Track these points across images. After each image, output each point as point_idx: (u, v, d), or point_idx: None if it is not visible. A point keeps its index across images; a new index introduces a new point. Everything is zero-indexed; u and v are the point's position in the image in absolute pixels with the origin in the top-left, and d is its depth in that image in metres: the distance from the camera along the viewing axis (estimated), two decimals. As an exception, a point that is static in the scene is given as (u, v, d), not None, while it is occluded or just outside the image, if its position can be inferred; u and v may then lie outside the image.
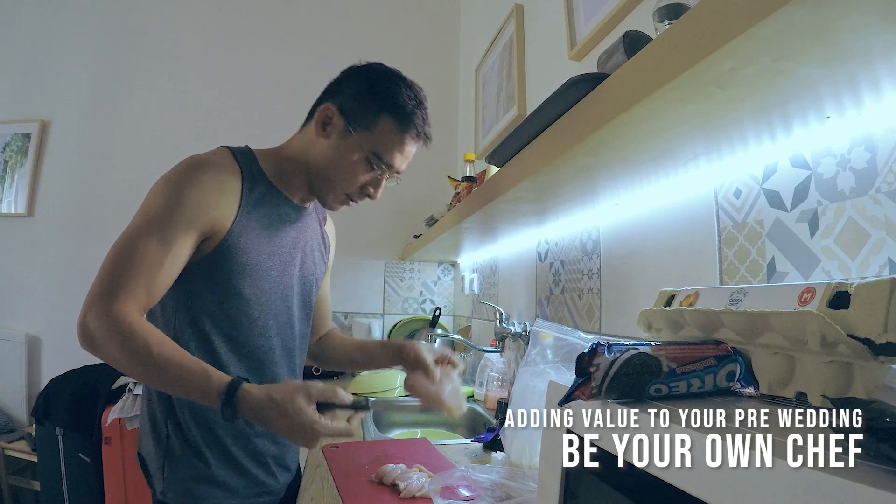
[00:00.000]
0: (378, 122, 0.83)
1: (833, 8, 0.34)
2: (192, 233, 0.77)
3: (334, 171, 0.86)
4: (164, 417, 0.83)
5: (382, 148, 0.84)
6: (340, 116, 0.84)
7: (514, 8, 1.74)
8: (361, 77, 0.86)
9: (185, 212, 0.76)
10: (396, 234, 2.51)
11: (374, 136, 0.84)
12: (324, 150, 0.86)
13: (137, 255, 0.73)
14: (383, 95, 0.83)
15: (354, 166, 0.85)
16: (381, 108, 0.83)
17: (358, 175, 0.86)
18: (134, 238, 0.74)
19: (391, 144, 0.85)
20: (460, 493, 0.80)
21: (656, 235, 0.93)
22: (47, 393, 2.00)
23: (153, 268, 0.73)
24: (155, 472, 0.84)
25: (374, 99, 0.83)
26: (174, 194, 0.77)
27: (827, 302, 0.40)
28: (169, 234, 0.74)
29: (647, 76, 0.48)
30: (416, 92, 0.86)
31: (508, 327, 1.49)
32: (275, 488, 0.90)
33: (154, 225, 0.74)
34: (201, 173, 0.79)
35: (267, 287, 0.86)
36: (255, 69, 2.56)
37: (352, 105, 0.84)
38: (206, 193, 0.78)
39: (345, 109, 0.84)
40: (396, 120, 0.83)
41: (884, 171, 0.54)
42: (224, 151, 0.87)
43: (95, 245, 2.38)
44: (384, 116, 0.83)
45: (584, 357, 0.44)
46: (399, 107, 0.83)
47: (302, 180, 0.90)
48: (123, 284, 0.71)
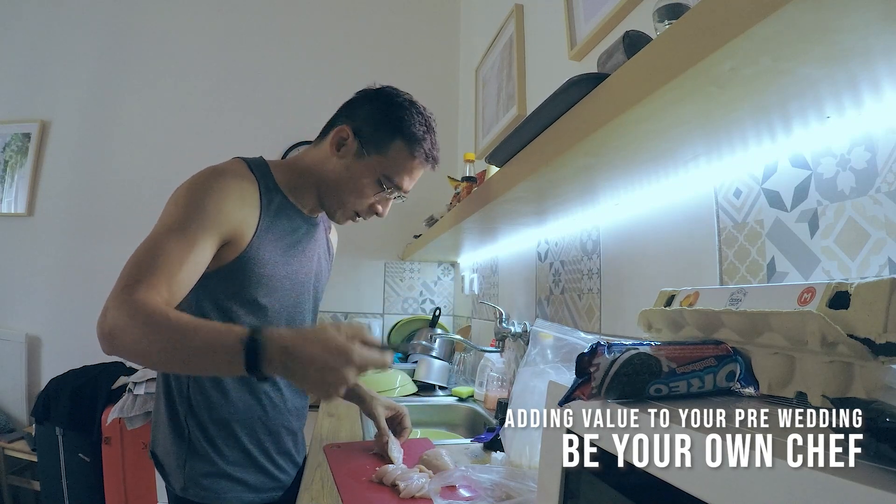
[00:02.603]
0: (390, 147, 0.89)
1: (833, 8, 0.34)
2: (213, 236, 0.78)
3: (346, 190, 0.91)
4: (184, 416, 0.86)
5: (393, 171, 0.90)
6: (355, 139, 0.89)
7: (514, 8, 1.74)
8: (375, 102, 0.91)
9: (208, 216, 0.78)
10: (396, 234, 2.51)
11: (386, 160, 0.89)
12: (337, 168, 0.90)
13: (159, 253, 0.72)
14: (397, 122, 0.89)
15: (365, 187, 0.90)
16: (394, 135, 0.89)
17: (368, 195, 0.92)
18: (155, 239, 0.74)
19: (401, 168, 0.90)
20: (460, 493, 0.80)
21: (656, 235, 0.93)
22: (47, 393, 2.00)
23: (174, 265, 0.72)
24: (174, 470, 0.86)
25: (387, 125, 0.89)
26: (196, 199, 0.78)
27: (827, 302, 0.40)
28: (191, 235, 0.75)
29: (647, 76, 0.48)
30: (427, 118, 0.92)
31: (508, 327, 1.49)
32: (285, 483, 0.95)
33: (175, 228, 0.75)
34: (223, 181, 0.81)
35: (281, 295, 0.91)
36: (255, 69, 2.56)
37: (366, 129, 0.89)
38: (228, 200, 0.80)
39: (359, 132, 0.89)
40: (407, 146, 0.89)
41: (884, 171, 0.54)
42: (240, 162, 0.89)
43: (95, 245, 2.41)
44: (397, 142, 0.89)
45: (584, 357, 0.44)
46: (411, 134, 0.89)
47: (313, 193, 0.94)
48: (144, 279, 0.69)
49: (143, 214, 2.24)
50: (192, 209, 0.77)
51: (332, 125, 0.93)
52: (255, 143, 2.00)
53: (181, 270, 0.74)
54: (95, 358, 2.14)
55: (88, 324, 2.61)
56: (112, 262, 2.69)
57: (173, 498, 0.88)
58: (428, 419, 1.59)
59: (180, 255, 0.74)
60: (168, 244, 0.74)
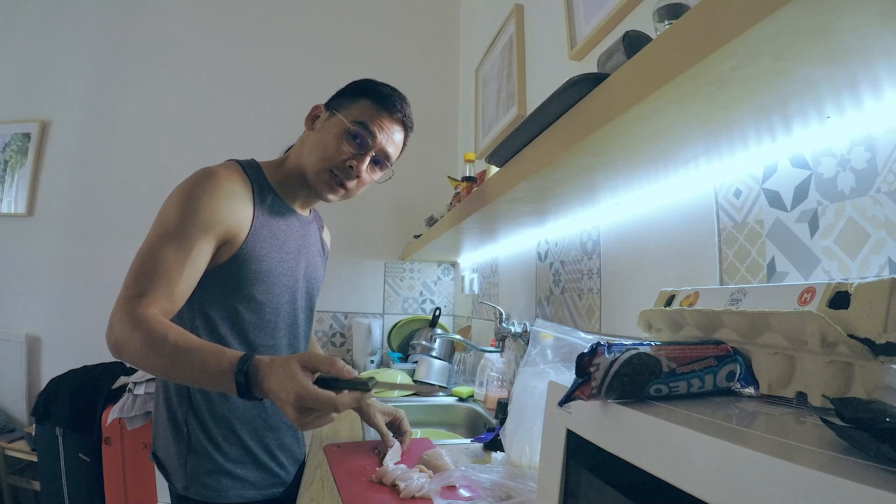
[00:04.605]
0: (357, 102, 0.92)
1: (833, 8, 0.34)
2: (209, 239, 0.80)
3: (321, 151, 0.91)
4: (184, 415, 0.87)
5: (361, 119, 0.90)
6: (325, 109, 0.94)
7: (514, 8, 1.74)
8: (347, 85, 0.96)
9: (202, 219, 0.79)
10: (396, 234, 2.51)
11: (354, 112, 0.91)
12: (312, 141, 0.93)
13: (158, 262, 0.75)
14: (363, 85, 0.93)
15: (338, 140, 0.90)
16: (360, 94, 0.92)
17: (343, 151, 0.90)
18: (154, 248, 0.77)
19: (370, 117, 0.91)
20: (460, 493, 0.80)
21: (656, 235, 0.93)
22: (47, 393, 2.00)
23: (173, 274, 0.76)
24: (176, 470, 0.87)
25: (354, 89, 0.93)
26: (190, 203, 0.79)
27: (827, 302, 0.40)
28: (187, 242, 0.78)
29: (648, 76, 0.48)
30: (394, 88, 0.94)
31: (508, 327, 1.49)
32: (286, 479, 0.96)
33: (172, 234, 0.77)
34: (215, 183, 0.83)
35: (277, 291, 0.92)
36: (255, 69, 2.56)
37: (335, 98, 0.94)
38: (221, 202, 0.82)
39: (329, 103, 0.94)
40: (374, 101, 0.91)
41: (884, 171, 0.54)
42: (233, 164, 0.91)
43: (95, 245, 2.41)
44: (362, 99, 0.92)
45: (584, 357, 0.44)
46: (376, 91, 0.92)
47: (302, 185, 0.96)
48: (146, 291, 0.73)
49: (143, 214, 2.24)
50: (187, 213, 0.79)
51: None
52: (255, 143, 2.00)
53: (181, 278, 0.77)
54: (95, 358, 2.14)
55: (88, 324, 2.62)
56: (112, 262, 2.69)
57: (176, 497, 0.88)
58: (428, 419, 1.59)
59: (179, 262, 0.76)
60: (167, 252, 0.76)
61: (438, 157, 2.58)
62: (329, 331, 2.45)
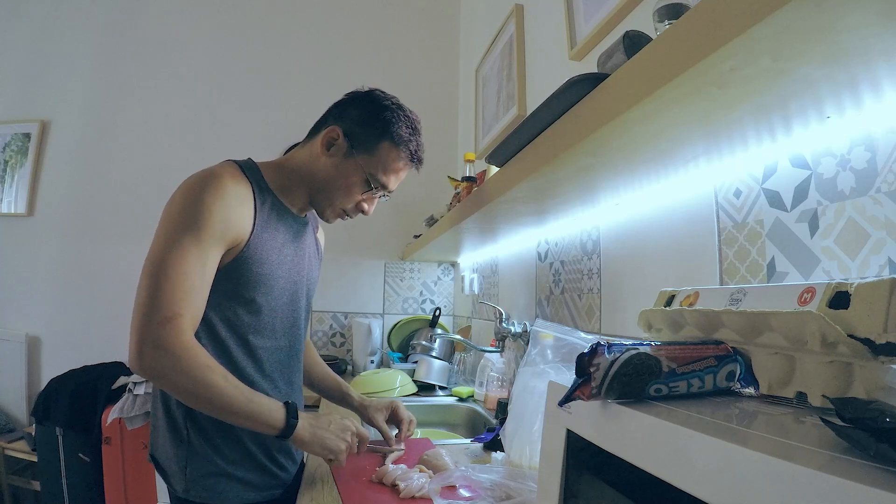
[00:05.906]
0: (378, 147, 0.92)
1: (833, 8, 0.34)
2: (221, 247, 0.82)
3: (335, 188, 0.94)
4: (183, 418, 0.86)
5: (380, 170, 0.93)
6: (345, 139, 0.92)
7: (514, 8, 1.74)
8: (365, 103, 0.94)
9: (216, 228, 0.79)
10: (396, 234, 2.51)
11: (374, 160, 0.92)
12: (327, 167, 0.93)
13: (185, 277, 0.76)
14: (385, 124, 0.92)
15: (353, 185, 0.94)
16: (382, 136, 0.92)
17: (355, 193, 0.95)
18: (177, 260, 0.76)
19: (388, 168, 0.94)
20: (460, 493, 0.80)
21: (656, 235, 0.93)
22: (47, 393, 2.00)
23: (198, 288, 0.77)
24: (175, 472, 0.86)
25: (375, 126, 0.92)
26: (202, 210, 0.79)
27: (827, 302, 0.40)
28: (204, 253, 0.78)
29: (647, 76, 0.48)
30: (413, 121, 0.95)
31: (508, 327, 1.49)
32: (286, 480, 0.96)
33: (191, 244, 0.77)
34: (222, 187, 0.82)
35: (277, 293, 0.92)
36: (256, 69, 2.56)
37: (355, 130, 0.92)
38: (229, 207, 0.82)
39: (349, 133, 0.92)
40: (395, 147, 0.93)
41: (884, 171, 0.54)
42: (232, 164, 0.90)
43: (95, 245, 2.41)
44: (384, 143, 0.92)
45: (584, 357, 0.44)
46: (398, 136, 0.92)
47: (302, 192, 0.97)
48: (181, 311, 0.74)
49: (143, 214, 2.24)
50: (201, 221, 0.78)
51: (322, 125, 0.95)
52: (255, 143, 2.00)
53: (202, 292, 0.78)
54: (95, 358, 2.14)
55: (88, 324, 2.62)
56: (112, 263, 2.68)
57: (175, 500, 0.88)
58: (428, 419, 1.59)
59: (201, 275, 0.78)
60: (190, 265, 0.76)
61: (438, 157, 2.58)
62: (329, 331, 2.45)
